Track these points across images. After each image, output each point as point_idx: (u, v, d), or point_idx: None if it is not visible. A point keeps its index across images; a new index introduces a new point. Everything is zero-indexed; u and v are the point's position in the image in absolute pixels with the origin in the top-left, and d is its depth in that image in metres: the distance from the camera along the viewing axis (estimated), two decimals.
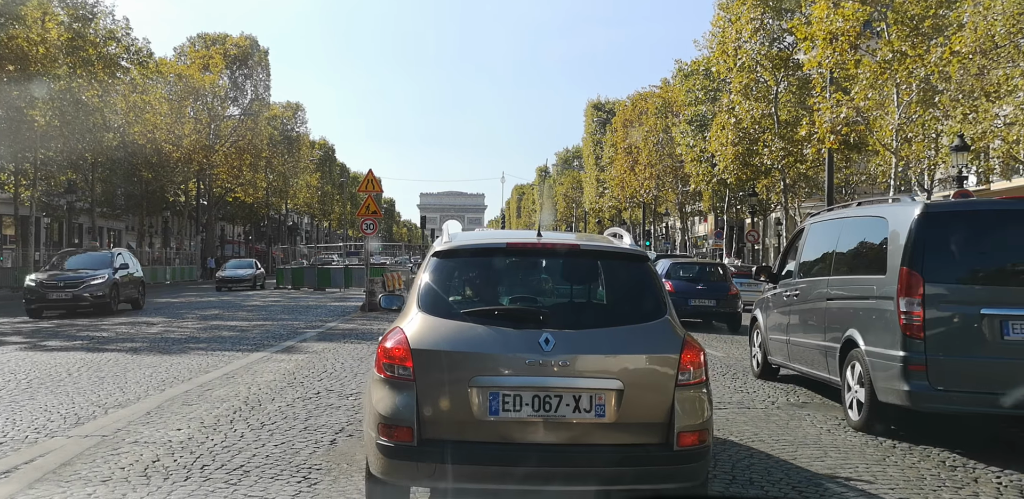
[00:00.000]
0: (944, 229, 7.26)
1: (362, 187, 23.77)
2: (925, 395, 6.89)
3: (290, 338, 15.09)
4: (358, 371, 10.64)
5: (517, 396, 4.32)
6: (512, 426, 4.33)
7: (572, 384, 4.34)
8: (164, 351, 12.83)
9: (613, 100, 77.35)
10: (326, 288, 38.17)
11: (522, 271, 5.46)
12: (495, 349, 4.43)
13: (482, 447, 4.32)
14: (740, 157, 36.70)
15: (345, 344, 14.06)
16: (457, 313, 4.63)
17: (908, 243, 7.18)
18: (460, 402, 4.32)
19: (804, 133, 29.80)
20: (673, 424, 4.38)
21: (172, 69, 53.69)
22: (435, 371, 4.38)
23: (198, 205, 60.47)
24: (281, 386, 9.38)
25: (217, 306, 25.06)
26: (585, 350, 4.44)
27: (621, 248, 5.08)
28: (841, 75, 27.68)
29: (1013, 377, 6.74)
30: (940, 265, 7.09)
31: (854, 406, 7.73)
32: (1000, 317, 6.80)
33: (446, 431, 4.34)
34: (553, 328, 4.46)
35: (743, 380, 10.63)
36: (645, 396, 4.41)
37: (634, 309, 4.83)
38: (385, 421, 4.36)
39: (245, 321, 19.19)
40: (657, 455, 4.37)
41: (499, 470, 4.31)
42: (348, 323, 18.97)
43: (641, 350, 4.55)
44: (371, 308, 23.26)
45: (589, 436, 4.39)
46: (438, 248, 4.96)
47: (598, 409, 4.34)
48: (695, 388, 4.48)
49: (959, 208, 7.51)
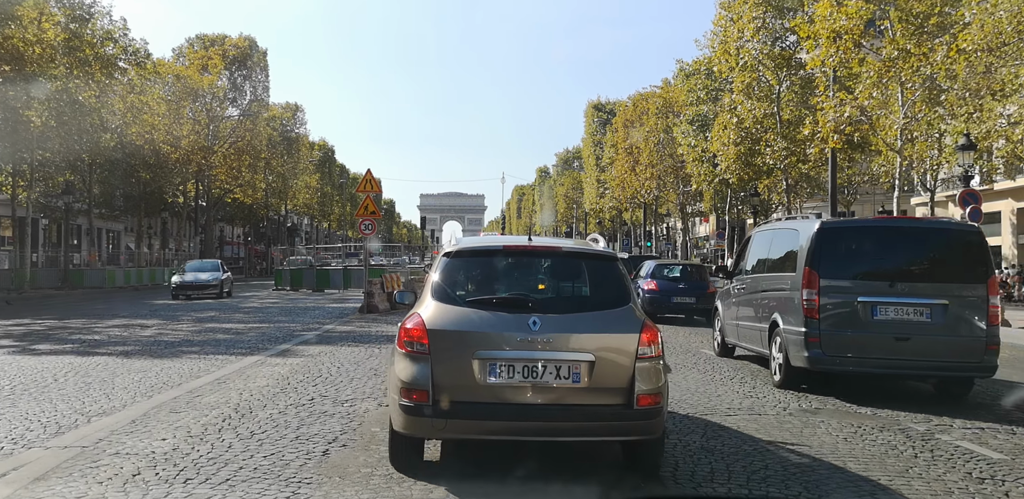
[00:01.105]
0: (835, 240, 9.78)
1: (360, 187, 23.47)
2: (819, 360, 9.43)
3: (286, 341, 14.79)
4: (354, 376, 10.33)
5: (510, 366, 5.42)
6: (506, 390, 5.43)
7: (554, 357, 5.44)
8: (156, 355, 12.52)
9: (614, 101, 77.07)
10: (325, 289, 37.86)
11: (515, 268, 6.43)
12: (493, 329, 5.54)
13: (482, 406, 5.42)
14: (742, 157, 36.36)
15: (342, 347, 13.75)
16: (463, 301, 5.75)
17: (810, 249, 9.68)
18: (465, 371, 5.42)
19: (807, 132, 29.45)
20: (633, 389, 5.45)
21: (170, 70, 53.38)
22: (445, 346, 5.50)
23: (196, 206, 60.13)
24: (274, 392, 9.07)
25: (213, 308, 24.75)
26: (564, 330, 5.54)
27: (595, 250, 6.41)
28: (844, 74, 27.38)
29: (880, 346, 9.34)
30: (831, 266, 9.59)
31: (776, 370, 10.24)
32: (871, 303, 9.34)
33: (452, 393, 5.40)
34: (539, 313, 5.58)
35: (752, 384, 10.33)
36: (611, 367, 5.50)
37: (604, 298, 5.95)
38: (406, 386, 5.43)
39: (241, 323, 18.88)
40: (621, 412, 5.46)
41: (495, 424, 5.43)
42: (346, 325, 18.67)
43: (609, 330, 5.64)
44: (369, 310, 22.95)
45: (567, 398, 5.49)
46: (448, 250, 6.18)
47: (574, 376, 5.44)
48: (651, 361, 5.56)
49: (846, 224, 10.82)
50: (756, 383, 10.40)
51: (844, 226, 10.48)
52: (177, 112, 51.98)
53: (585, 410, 5.50)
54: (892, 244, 9.89)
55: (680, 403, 8.61)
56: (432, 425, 5.45)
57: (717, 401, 8.95)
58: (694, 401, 8.86)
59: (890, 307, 9.32)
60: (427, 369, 5.43)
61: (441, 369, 5.44)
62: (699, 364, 12.12)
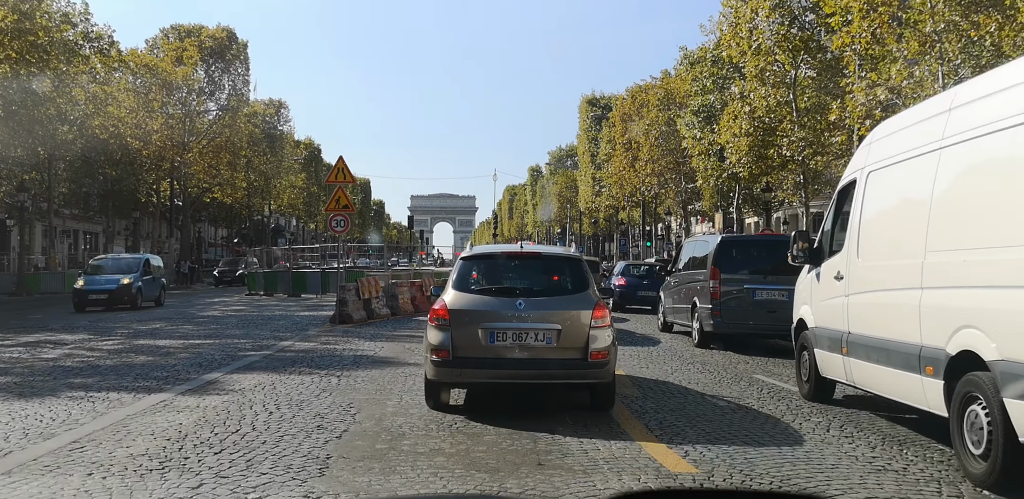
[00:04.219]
0: (730, 248, 15.28)
1: (331, 177, 20.26)
2: (720, 325, 14.65)
3: (221, 366, 11.64)
4: (288, 430, 7.23)
5: (504, 333, 8.06)
6: (502, 349, 8.08)
7: (534, 326, 8.07)
8: (26, 391, 9.34)
9: (608, 95, 74.00)
10: (301, 294, 34.55)
11: (509, 266, 9.26)
12: (493, 308, 8.25)
13: (485, 360, 8.12)
14: (755, 149, 33.33)
15: (290, 376, 10.64)
16: (473, 290, 8.55)
17: (714, 254, 15.00)
18: (474, 336, 8.08)
19: (834, 118, 26.39)
20: (588, 347, 8.05)
21: (141, 60, 50.09)
22: (461, 320, 8.15)
23: (172, 206, 56.70)
24: (146, 470, 5.90)
25: (162, 318, 21.56)
26: (541, 308, 8.20)
27: (566, 253, 9.87)
28: (880, 52, 24.41)
29: (758, 316, 14.49)
30: (728, 265, 14.87)
31: (695, 336, 15.42)
32: (752, 289, 14.56)
33: (466, 352, 8.09)
34: (524, 297, 8.30)
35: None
36: (573, 332, 8.11)
37: (570, 286, 8.69)
38: (434, 347, 8.11)
39: (181, 339, 15.70)
40: (579, 363, 8.10)
41: (494, 372, 8.17)
42: (308, 341, 15.55)
43: (572, 308, 8.26)
44: (342, 320, 19.81)
45: (543, 354, 8.15)
46: (464, 255, 9.26)
47: (548, 340, 8.09)
48: (601, 329, 8.13)
49: (737, 238, 17.63)
50: (683, 347, 15.66)
51: (736, 239, 16.79)
52: (147, 105, 48.59)
53: (555, 362, 8.14)
54: (765, 251, 15.23)
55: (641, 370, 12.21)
56: (452, 373, 8.11)
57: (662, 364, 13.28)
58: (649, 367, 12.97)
59: (764, 291, 14.45)
60: (448, 335, 8.05)
61: (458, 335, 8.05)
62: (650, 339, 16.99)
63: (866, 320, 7.60)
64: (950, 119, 6.38)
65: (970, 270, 5.82)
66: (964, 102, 6.31)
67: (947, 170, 6.32)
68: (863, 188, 8.05)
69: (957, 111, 6.34)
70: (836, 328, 8.27)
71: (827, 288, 8.68)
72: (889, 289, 7.14)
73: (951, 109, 6.46)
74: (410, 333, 17.42)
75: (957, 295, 5.95)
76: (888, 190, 7.59)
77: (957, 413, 5.91)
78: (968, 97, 6.30)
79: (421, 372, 9.13)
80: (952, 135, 6.27)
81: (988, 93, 5.98)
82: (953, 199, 6.26)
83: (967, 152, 6.06)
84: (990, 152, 5.77)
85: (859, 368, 7.72)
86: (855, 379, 7.96)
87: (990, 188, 5.81)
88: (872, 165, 7.93)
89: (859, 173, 8.23)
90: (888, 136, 7.84)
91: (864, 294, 7.73)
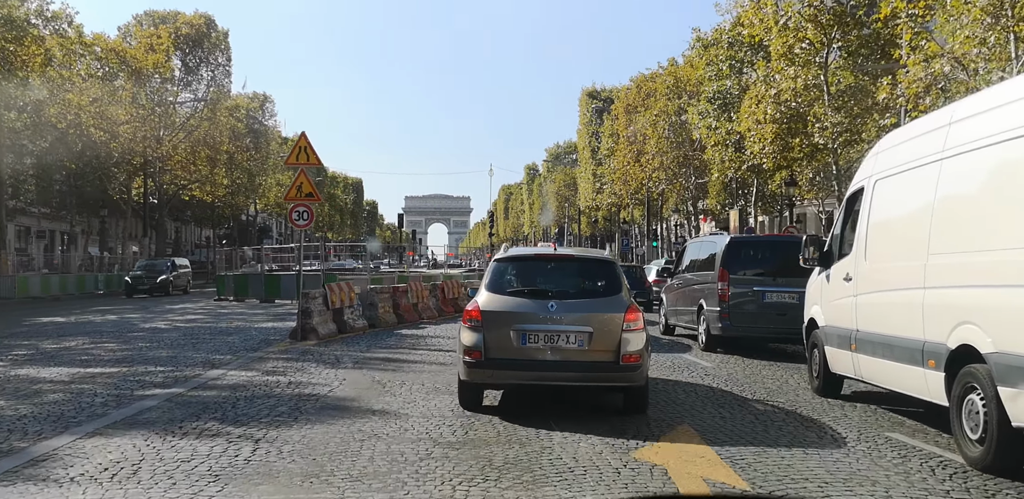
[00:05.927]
0: (739, 249, 15.05)
1: (291, 158, 16.42)
2: (728, 328, 14.43)
3: (87, 420, 7.90)
4: None
5: (536, 335, 8.18)
6: (533, 351, 8.18)
7: (566, 329, 8.18)
8: None
9: (610, 87, 70.40)
10: (275, 299, 30.75)
11: (542, 268, 9.37)
12: (525, 310, 8.32)
13: (517, 361, 8.23)
14: (780, 137, 29.73)
15: (178, 441, 6.96)
16: (506, 291, 8.64)
17: (722, 255, 14.73)
18: (506, 338, 8.21)
19: (883, 97, 22.74)
20: (620, 350, 8.11)
21: (107, 45, 46.29)
22: (493, 321, 8.27)
23: (145, 203, 52.78)
24: None
25: (99, 330, 17.85)
26: (573, 311, 8.28)
27: (599, 256, 10.40)
28: (943, 19, 20.83)
29: (767, 319, 14.22)
30: (737, 266, 14.67)
31: (702, 339, 15.24)
32: (762, 291, 14.35)
33: (498, 353, 8.23)
34: (556, 299, 8.36)
35: None
36: (605, 335, 8.18)
37: (603, 288, 8.77)
38: (467, 348, 8.25)
39: (80, 366, 11.93)
40: (611, 366, 8.16)
41: (525, 374, 8.29)
42: (247, 369, 11.84)
43: (604, 311, 8.36)
44: (304, 335, 16.10)
45: (574, 356, 8.21)
46: (497, 257, 9.49)
47: (580, 343, 8.17)
48: (634, 332, 8.17)
49: (746, 239, 17.34)
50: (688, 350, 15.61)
51: (745, 240, 16.58)
52: (113, 94, 44.69)
53: (586, 364, 8.26)
54: (774, 253, 14.96)
55: None
56: (484, 374, 8.35)
57: None
58: None
59: (774, 293, 14.34)
60: (481, 336, 8.26)
61: (490, 336, 8.25)
62: None
63: (873, 318, 8.19)
64: (950, 133, 7.09)
65: (968, 271, 6.50)
66: (962, 117, 7.02)
67: (947, 180, 7.00)
68: (870, 195, 8.77)
69: (956, 125, 7.04)
70: (845, 326, 8.85)
71: (837, 289, 9.30)
72: (895, 289, 7.78)
73: (951, 123, 7.14)
74: (386, 355, 13.77)
75: (957, 294, 6.64)
76: (893, 197, 8.26)
77: (957, 402, 6.65)
78: (966, 113, 7.01)
79: (389, 424, 7.93)
80: (952, 147, 6.99)
81: (984, 110, 6.69)
82: (953, 206, 6.95)
83: (965, 163, 6.76)
84: (986, 163, 6.49)
85: (867, 363, 8.33)
86: (863, 374, 8.54)
87: (986, 196, 6.54)
88: (879, 174, 8.63)
89: (867, 181, 8.94)
90: (893, 147, 8.53)
91: (871, 294, 8.36)
